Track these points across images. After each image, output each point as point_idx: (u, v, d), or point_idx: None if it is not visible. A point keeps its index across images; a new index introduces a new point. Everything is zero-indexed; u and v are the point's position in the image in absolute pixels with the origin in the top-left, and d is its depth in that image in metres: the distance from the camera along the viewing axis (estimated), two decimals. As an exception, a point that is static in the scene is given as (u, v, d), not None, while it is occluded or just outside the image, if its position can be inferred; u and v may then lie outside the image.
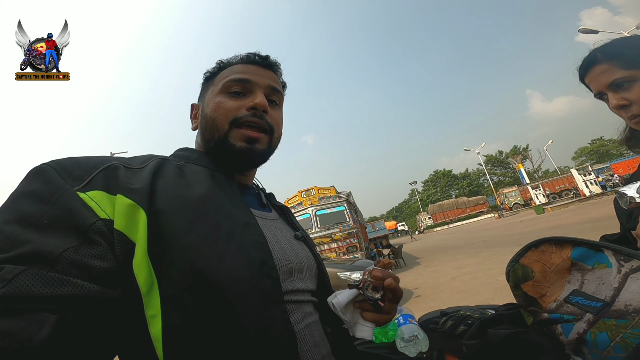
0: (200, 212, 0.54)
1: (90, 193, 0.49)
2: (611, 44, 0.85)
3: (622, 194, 0.69)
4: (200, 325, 0.47)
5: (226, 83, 0.72)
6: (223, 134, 0.69)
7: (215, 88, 0.74)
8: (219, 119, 0.69)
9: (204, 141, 0.74)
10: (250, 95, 0.72)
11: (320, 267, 0.78)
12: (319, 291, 0.74)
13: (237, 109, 0.70)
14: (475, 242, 13.76)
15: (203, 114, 0.74)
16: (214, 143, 0.71)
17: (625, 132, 0.94)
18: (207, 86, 0.78)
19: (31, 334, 0.35)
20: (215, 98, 0.72)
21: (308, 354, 0.59)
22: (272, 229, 0.70)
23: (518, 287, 0.71)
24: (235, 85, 0.72)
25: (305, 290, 0.68)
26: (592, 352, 0.60)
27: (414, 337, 0.89)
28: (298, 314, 0.62)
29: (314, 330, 0.63)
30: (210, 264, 0.49)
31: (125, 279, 0.46)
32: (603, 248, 0.63)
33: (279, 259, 0.62)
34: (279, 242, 0.67)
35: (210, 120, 0.71)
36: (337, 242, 10.78)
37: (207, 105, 0.73)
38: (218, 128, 0.69)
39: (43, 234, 0.42)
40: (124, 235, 0.47)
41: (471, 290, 5.60)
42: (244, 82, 0.72)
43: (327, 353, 0.64)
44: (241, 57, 0.78)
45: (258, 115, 0.70)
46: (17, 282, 0.37)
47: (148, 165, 0.59)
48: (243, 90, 0.72)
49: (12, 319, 0.35)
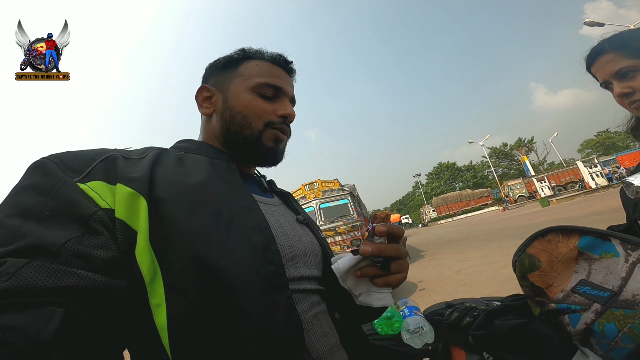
0: (201, 199, 0.55)
1: (90, 183, 0.49)
2: (618, 35, 0.87)
3: (628, 183, 0.69)
4: (204, 313, 0.47)
5: (260, 84, 0.73)
6: (257, 133, 0.71)
7: (244, 82, 0.74)
8: (254, 119, 0.71)
9: (225, 130, 0.73)
10: (279, 101, 0.75)
11: (325, 251, 0.76)
12: (325, 277, 0.73)
13: (270, 113, 0.73)
14: (479, 235, 13.72)
15: (228, 104, 0.73)
16: (242, 138, 0.71)
17: (631, 122, 0.95)
18: (228, 73, 0.76)
19: (39, 329, 0.35)
20: (246, 94, 0.72)
21: (316, 344, 0.58)
22: (275, 214, 0.70)
23: (525, 277, 0.71)
24: (269, 89, 0.74)
25: (311, 278, 0.67)
26: (600, 343, 0.59)
27: (419, 329, 0.89)
28: (305, 303, 0.61)
29: (322, 320, 0.63)
30: (212, 251, 0.49)
31: (129, 268, 0.46)
32: (610, 237, 0.62)
33: (282, 244, 0.62)
34: (282, 227, 0.67)
35: (241, 116, 0.71)
36: (341, 235, 10.76)
37: (236, 98, 0.73)
38: (252, 127, 0.71)
39: (45, 226, 0.42)
40: (125, 223, 0.48)
41: (476, 283, 5.60)
42: (278, 88, 0.75)
43: (336, 342, 0.64)
44: (270, 55, 0.78)
45: (287, 123, 0.76)
46: (21, 275, 0.36)
47: (147, 155, 0.60)
48: (273, 96, 0.74)
49: (19, 313, 0.35)
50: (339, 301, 0.71)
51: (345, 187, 11.70)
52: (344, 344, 0.67)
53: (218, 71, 0.78)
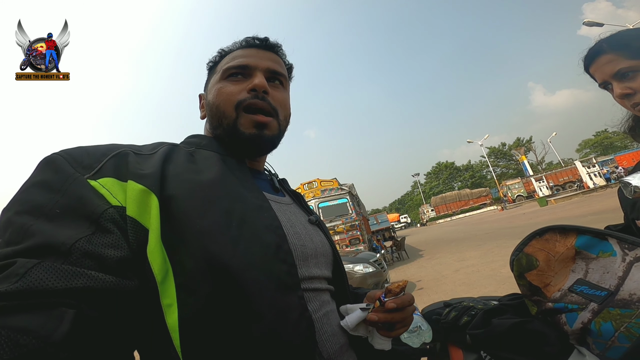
0: (212, 197, 0.54)
1: (101, 180, 0.48)
2: (617, 35, 0.85)
3: (626, 183, 0.69)
4: (216, 313, 0.46)
5: (225, 69, 0.72)
6: (232, 121, 0.68)
7: (216, 76, 0.74)
8: (223, 105, 0.69)
9: (212, 128, 0.73)
10: (248, 79, 0.71)
11: (335, 253, 0.76)
12: (335, 278, 0.72)
13: (238, 92, 0.69)
14: (477, 235, 13.76)
15: (207, 102, 0.74)
16: (222, 130, 0.70)
17: (628, 121, 0.95)
18: (211, 75, 0.78)
19: (51, 330, 0.34)
20: (216, 85, 0.72)
21: (327, 344, 0.58)
22: (287, 213, 0.69)
23: (522, 276, 0.71)
24: (234, 70, 0.71)
25: (321, 278, 0.67)
26: (597, 342, 0.60)
27: (417, 328, 0.89)
28: (316, 302, 0.61)
29: (331, 319, 0.63)
30: (224, 250, 0.48)
31: (140, 267, 0.46)
32: (607, 236, 0.62)
33: (294, 243, 0.61)
34: (294, 227, 0.66)
35: (214, 106, 0.71)
36: (339, 235, 10.79)
37: (210, 92, 0.73)
38: (225, 115, 0.69)
39: (55, 224, 0.42)
40: (136, 221, 0.47)
41: (474, 282, 5.62)
42: (243, 67, 0.71)
43: (345, 342, 0.63)
44: (240, 42, 0.77)
45: (260, 97, 0.69)
46: (31, 277, 0.36)
47: (158, 151, 0.59)
48: (243, 74, 0.71)
49: (29, 315, 0.34)
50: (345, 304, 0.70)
51: (344, 187, 11.70)
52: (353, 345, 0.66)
53: (208, 76, 0.80)
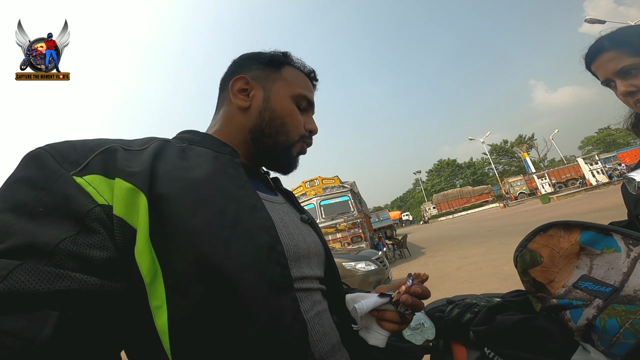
0: (204, 196, 0.52)
1: (88, 177, 0.46)
2: (618, 32, 0.85)
3: (630, 179, 0.69)
4: (207, 315, 0.45)
5: (300, 95, 0.74)
6: (290, 144, 0.72)
7: (287, 88, 0.73)
8: (291, 128, 0.72)
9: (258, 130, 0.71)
10: (307, 115, 0.78)
11: (328, 253, 0.76)
12: (327, 278, 0.72)
13: (301, 125, 0.74)
14: (480, 232, 13.74)
15: (269, 105, 0.71)
16: (274, 143, 0.71)
17: (631, 118, 0.95)
18: (271, 72, 0.74)
19: (34, 333, 0.34)
20: (288, 102, 0.72)
21: (318, 344, 0.57)
22: (280, 212, 0.68)
23: (526, 272, 0.71)
24: (305, 102, 0.76)
25: (313, 278, 0.66)
26: (602, 339, 0.59)
27: (420, 325, 0.89)
28: (307, 302, 0.60)
29: (323, 319, 0.62)
30: (216, 251, 0.47)
31: (127, 268, 0.44)
32: (612, 232, 0.62)
33: (287, 244, 0.60)
34: (287, 227, 0.65)
35: (280, 121, 0.71)
36: (341, 233, 10.79)
37: (279, 102, 0.71)
38: (288, 135, 0.72)
39: (38, 223, 0.40)
40: (124, 221, 0.45)
41: (476, 280, 5.61)
42: (310, 104, 0.77)
43: (337, 342, 0.63)
44: (307, 69, 0.80)
45: (310, 138, 0.78)
46: (13, 279, 0.35)
47: (149, 147, 0.56)
48: (305, 108, 0.76)
49: (13, 317, 0.34)
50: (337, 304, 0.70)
51: (345, 184, 11.67)
52: (345, 343, 0.66)
53: (261, 66, 0.74)
